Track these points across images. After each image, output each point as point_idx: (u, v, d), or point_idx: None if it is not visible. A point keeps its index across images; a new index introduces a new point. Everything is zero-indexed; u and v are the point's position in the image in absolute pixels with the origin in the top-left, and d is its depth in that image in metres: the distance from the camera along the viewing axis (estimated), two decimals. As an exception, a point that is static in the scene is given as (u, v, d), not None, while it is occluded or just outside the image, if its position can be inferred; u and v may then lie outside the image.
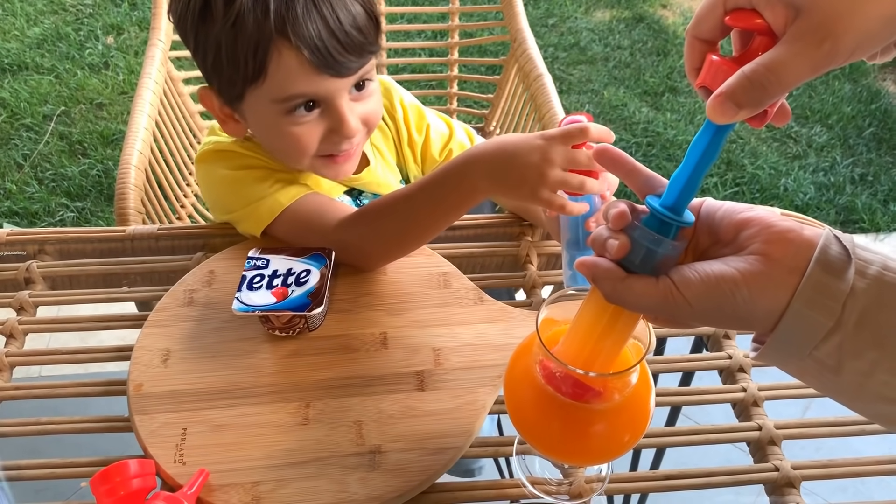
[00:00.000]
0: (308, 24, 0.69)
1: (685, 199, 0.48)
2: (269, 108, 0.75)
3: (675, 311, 0.47)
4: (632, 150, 2.28)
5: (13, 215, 2.00)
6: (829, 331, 0.44)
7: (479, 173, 0.71)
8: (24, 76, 2.42)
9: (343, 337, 0.75)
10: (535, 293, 0.83)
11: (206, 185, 0.88)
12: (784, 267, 0.45)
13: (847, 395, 0.47)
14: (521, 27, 1.44)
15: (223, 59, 0.72)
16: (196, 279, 0.80)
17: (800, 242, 0.45)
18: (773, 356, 0.47)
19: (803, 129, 2.47)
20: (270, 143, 0.83)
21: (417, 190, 0.75)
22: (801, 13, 0.41)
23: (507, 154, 0.70)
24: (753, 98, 0.42)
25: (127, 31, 2.64)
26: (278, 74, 0.72)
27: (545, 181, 0.68)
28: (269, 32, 0.69)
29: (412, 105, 0.97)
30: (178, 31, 0.78)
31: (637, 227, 0.48)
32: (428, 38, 2.44)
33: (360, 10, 0.73)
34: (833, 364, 0.44)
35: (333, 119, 0.77)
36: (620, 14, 2.93)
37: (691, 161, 0.46)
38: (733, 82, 0.42)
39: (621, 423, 0.56)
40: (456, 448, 0.66)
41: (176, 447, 0.65)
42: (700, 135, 0.46)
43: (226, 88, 0.77)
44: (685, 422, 0.85)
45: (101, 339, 1.52)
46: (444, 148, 0.98)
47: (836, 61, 0.41)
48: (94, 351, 0.77)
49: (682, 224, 0.48)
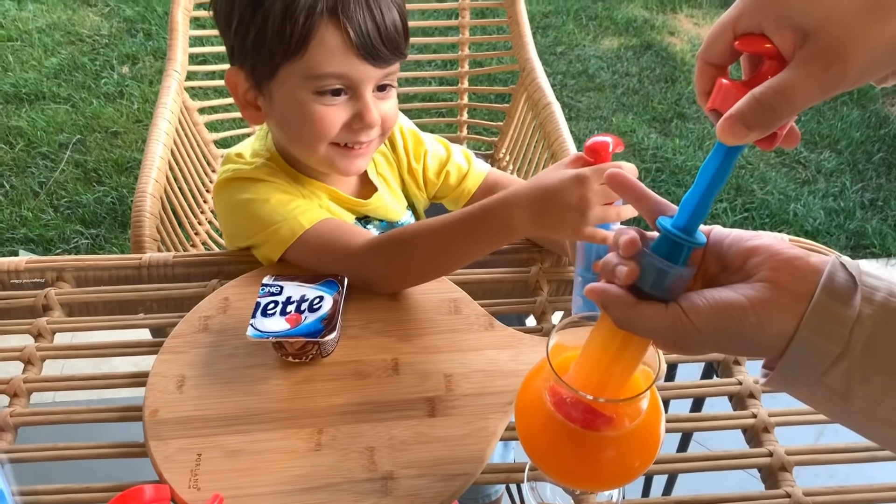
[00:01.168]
0: (357, 10, 0.76)
1: (696, 221, 0.48)
2: (300, 85, 0.79)
3: (685, 337, 0.47)
4: (641, 176, 2.28)
5: (29, 242, 2.03)
6: (837, 357, 0.44)
7: (520, 213, 0.73)
8: (41, 105, 2.46)
9: (355, 363, 0.75)
10: (546, 319, 0.84)
11: (225, 211, 0.89)
12: (791, 293, 0.45)
13: (856, 421, 0.47)
14: (530, 56, 1.46)
15: (268, 31, 0.76)
16: (211, 306, 0.81)
17: (806, 269, 0.46)
18: (782, 382, 0.47)
19: (812, 154, 2.47)
20: (291, 127, 0.84)
21: (455, 223, 0.77)
22: (810, 37, 0.42)
23: (548, 195, 0.72)
24: (763, 120, 0.43)
25: (142, 61, 2.69)
26: (318, 50, 0.76)
27: (586, 220, 0.71)
28: (321, 9, 0.75)
29: (410, 131, 0.99)
30: (219, 15, 0.81)
31: (647, 253, 0.49)
32: (438, 67, 2.48)
33: (398, 16, 0.80)
34: (842, 390, 0.45)
35: (358, 106, 0.81)
36: (628, 42, 2.96)
37: (702, 183, 0.47)
38: (743, 104, 0.43)
39: (632, 448, 0.57)
40: (467, 475, 0.66)
41: (191, 473, 0.66)
42: (711, 157, 0.47)
43: (261, 63, 0.79)
44: (697, 447, 0.85)
45: (114, 365, 1.53)
46: (442, 170, 0.99)
47: (844, 84, 0.42)
48: (110, 377, 0.78)
49: (693, 244, 0.49)
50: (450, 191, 1.00)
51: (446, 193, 1.01)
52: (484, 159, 1.56)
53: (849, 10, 0.41)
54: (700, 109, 2.66)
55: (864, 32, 0.41)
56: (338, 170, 0.86)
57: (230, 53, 0.83)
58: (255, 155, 0.89)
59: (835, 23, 0.41)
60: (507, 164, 1.54)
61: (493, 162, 1.59)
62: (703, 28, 3.07)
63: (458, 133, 1.64)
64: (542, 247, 0.91)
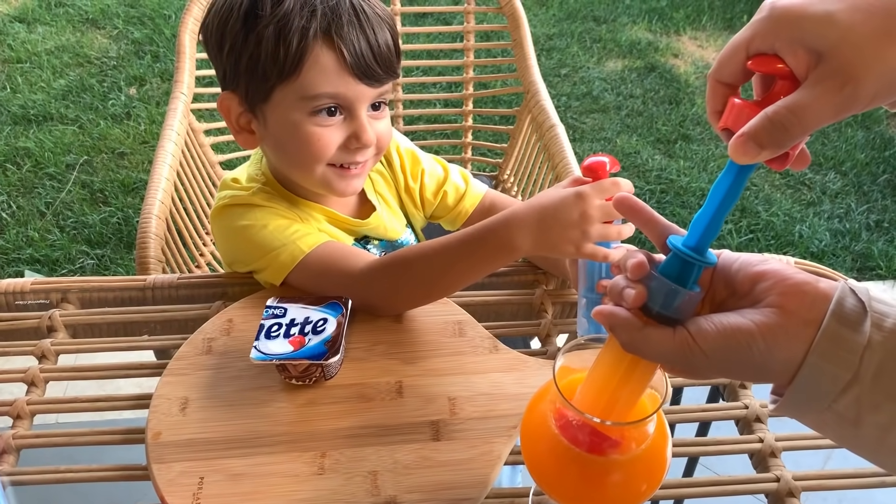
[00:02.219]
0: (350, 30, 0.76)
1: (707, 240, 0.48)
2: (295, 106, 0.79)
3: (692, 362, 0.47)
4: (645, 198, 2.29)
5: (35, 262, 2.04)
6: (847, 383, 0.44)
7: (521, 232, 0.74)
8: (48, 126, 2.48)
9: (359, 386, 0.75)
10: (550, 342, 0.83)
11: (224, 238, 0.89)
12: (800, 319, 0.45)
13: (867, 449, 0.46)
14: (534, 79, 1.47)
15: (262, 54, 0.76)
16: (215, 328, 0.81)
17: (815, 295, 0.45)
18: (791, 409, 0.47)
19: (817, 175, 2.47)
20: (286, 149, 0.84)
21: (456, 243, 0.77)
22: (823, 58, 0.42)
23: (549, 213, 0.72)
24: (775, 139, 0.43)
25: (149, 83, 2.71)
26: (312, 71, 0.76)
27: (588, 237, 0.71)
28: (315, 30, 0.75)
29: (407, 150, 0.99)
30: (210, 40, 0.81)
31: (655, 276, 0.49)
32: (443, 88, 2.49)
33: (390, 36, 0.80)
34: (852, 417, 0.44)
35: (353, 126, 0.81)
36: (632, 63, 2.97)
37: (714, 202, 0.47)
38: (756, 123, 0.43)
39: (638, 473, 0.56)
40: (471, 499, 0.65)
41: (193, 496, 0.65)
42: (722, 177, 0.47)
43: (255, 86, 0.79)
44: (703, 471, 0.84)
45: (118, 386, 1.53)
46: (439, 190, 1.00)
47: (856, 106, 0.42)
48: (113, 399, 0.77)
49: (704, 264, 0.48)
50: (447, 211, 1.01)
51: (443, 213, 1.01)
52: (488, 180, 1.58)
53: (863, 32, 0.41)
54: (705, 131, 2.68)
55: (878, 55, 0.41)
56: (335, 191, 0.86)
57: (222, 78, 0.83)
58: (250, 180, 0.89)
59: (849, 45, 0.41)
60: (511, 185, 1.54)
61: (497, 183, 1.60)
62: (706, 50, 3.08)
63: (462, 154, 1.65)
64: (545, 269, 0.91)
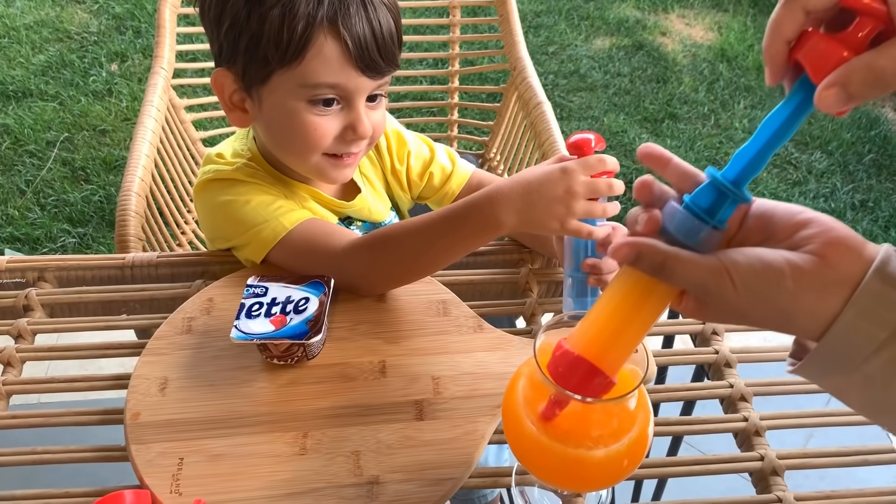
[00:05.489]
0: (357, 21, 0.75)
1: (749, 175, 0.46)
2: (294, 94, 0.77)
3: (719, 291, 0.45)
4: (632, 177, 2.28)
5: (15, 241, 2.01)
6: (881, 343, 0.42)
7: (506, 209, 0.72)
8: (28, 103, 2.44)
9: (341, 365, 0.74)
10: (535, 321, 0.83)
11: (206, 213, 0.88)
12: (838, 273, 0.43)
13: (893, 414, 0.45)
14: (521, 56, 1.45)
15: (264, 36, 0.74)
16: (195, 307, 0.80)
17: (859, 251, 0.44)
18: (816, 369, 0.45)
19: (803, 155, 2.48)
20: (281, 135, 0.82)
21: (439, 220, 0.76)
22: None
23: (533, 188, 0.72)
24: (870, 93, 0.40)
25: (131, 59, 2.66)
26: (315, 60, 0.75)
27: (572, 212, 0.71)
28: (321, 18, 0.74)
29: (394, 132, 0.98)
30: (208, 13, 0.79)
31: (678, 209, 0.46)
32: (429, 65, 2.47)
33: (394, 26, 0.79)
34: (882, 379, 0.43)
35: (351, 117, 0.80)
36: (620, 42, 2.95)
37: (763, 136, 0.45)
38: (853, 73, 0.40)
39: (620, 449, 0.56)
40: (455, 479, 0.65)
41: (172, 477, 0.64)
42: (778, 110, 0.44)
43: (254, 68, 0.77)
44: (688, 450, 0.84)
45: (99, 366, 1.52)
46: (426, 171, 0.99)
47: None
48: (91, 379, 0.76)
49: (741, 199, 0.46)
50: (434, 192, 0.99)
51: (430, 194, 1.00)
52: (474, 159, 1.57)
53: None
54: (692, 110, 2.67)
55: None
56: (327, 179, 0.85)
57: (217, 54, 0.81)
58: (235, 155, 0.88)
59: None
60: (497, 163, 1.53)
61: (483, 161, 1.58)
62: (694, 28, 3.06)
63: (448, 132, 1.63)
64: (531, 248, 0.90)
